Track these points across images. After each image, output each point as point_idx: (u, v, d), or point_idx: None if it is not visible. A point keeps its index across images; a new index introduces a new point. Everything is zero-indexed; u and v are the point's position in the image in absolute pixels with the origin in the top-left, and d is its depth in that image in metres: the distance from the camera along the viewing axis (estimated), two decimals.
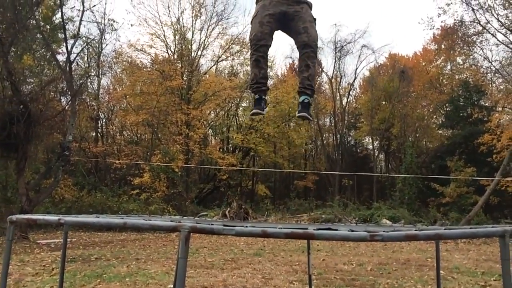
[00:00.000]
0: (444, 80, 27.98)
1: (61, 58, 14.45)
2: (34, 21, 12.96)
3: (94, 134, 24.47)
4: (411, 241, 2.17)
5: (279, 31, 3.47)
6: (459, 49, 19.76)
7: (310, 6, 3.42)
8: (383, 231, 2.15)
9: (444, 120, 27.16)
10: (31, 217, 2.54)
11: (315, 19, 3.40)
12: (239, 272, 6.50)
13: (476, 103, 23.72)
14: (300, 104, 3.34)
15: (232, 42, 23.95)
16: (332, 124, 29.46)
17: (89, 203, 16.13)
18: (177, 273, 2.11)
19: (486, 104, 23.52)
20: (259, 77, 3.34)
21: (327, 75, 28.90)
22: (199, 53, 23.47)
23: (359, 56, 28.16)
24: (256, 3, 3.46)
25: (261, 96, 3.39)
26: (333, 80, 28.49)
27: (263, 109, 3.39)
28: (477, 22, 17.24)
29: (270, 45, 3.29)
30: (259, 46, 3.23)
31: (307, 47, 3.26)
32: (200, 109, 21.95)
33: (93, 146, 21.93)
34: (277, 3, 3.28)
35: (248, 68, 26.01)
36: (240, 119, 27.17)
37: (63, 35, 13.68)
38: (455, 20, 17.76)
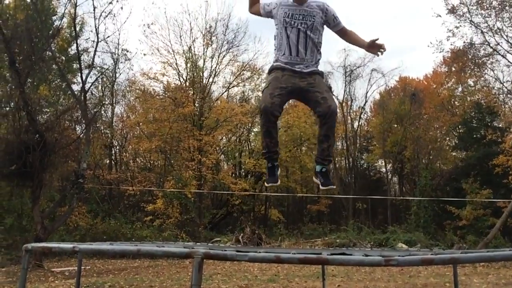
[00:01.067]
0: (456, 102, 27.89)
1: (76, 87, 14.80)
2: (50, 53, 13.32)
3: (108, 161, 24.70)
4: (427, 265, 2.15)
5: (293, 100, 3.57)
6: (469, 71, 19.75)
7: (322, 75, 3.47)
8: (398, 256, 2.13)
9: (457, 142, 26.93)
10: (46, 245, 2.58)
11: (330, 88, 3.44)
12: None
13: (489, 124, 23.53)
14: (319, 174, 3.39)
15: (243, 68, 24.26)
16: (344, 148, 29.38)
17: (103, 230, 16.16)
18: None
19: (500, 125, 23.31)
20: (271, 146, 3.42)
21: (337, 99, 28.99)
22: (211, 80, 23.79)
23: (369, 80, 28.27)
24: (269, 73, 3.51)
25: (274, 163, 3.52)
26: (343, 104, 28.55)
27: (277, 180, 3.55)
28: (486, 44, 17.28)
29: (280, 115, 3.33)
30: (269, 117, 3.26)
31: (328, 118, 3.26)
32: (212, 135, 22.10)
33: (107, 173, 22.10)
34: (289, 77, 3.32)
35: (259, 93, 26.23)
36: (252, 144, 27.25)
37: (78, 65, 14.01)
38: (464, 42, 17.83)
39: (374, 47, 3.46)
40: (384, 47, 3.45)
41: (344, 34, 3.58)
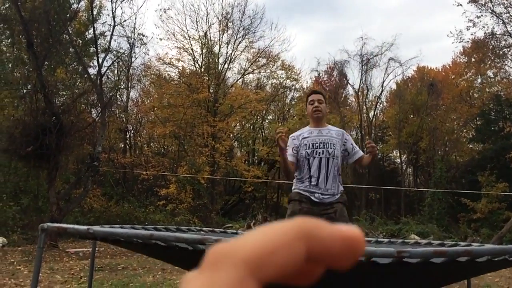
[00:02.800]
0: (474, 94, 27.42)
1: (92, 71, 14.89)
2: (67, 36, 13.40)
3: (122, 145, 24.93)
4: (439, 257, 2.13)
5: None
6: (490, 62, 19.38)
7: (345, 203, 3.42)
8: (411, 248, 2.12)
9: (474, 134, 26.54)
10: (62, 226, 2.61)
11: (347, 220, 3.43)
12: None
13: (508, 117, 23.12)
14: None
15: (258, 55, 24.14)
16: (359, 137, 29.17)
17: (116, 213, 16.38)
18: None
19: None
20: None
21: (353, 88, 28.74)
22: (226, 66, 23.76)
23: (386, 69, 27.89)
24: (288, 203, 3.48)
25: None
26: (359, 93, 28.29)
27: None
28: (508, 35, 16.91)
29: None
30: None
31: None
32: (226, 121, 22.13)
33: (121, 157, 22.33)
34: (308, 211, 3.24)
35: (274, 81, 26.14)
36: (265, 131, 27.22)
37: (94, 49, 14.09)
38: (485, 32, 17.48)
39: (370, 152, 3.37)
40: (373, 149, 3.34)
41: (362, 160, 3.49)
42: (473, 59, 21.81)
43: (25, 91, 13.23)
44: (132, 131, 26.10)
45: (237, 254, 0.18)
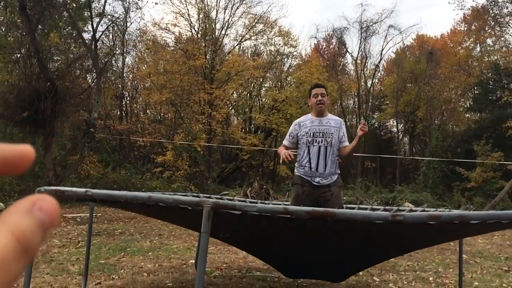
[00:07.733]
0: (474, 62, 27.23)
1: (87, 36, 14.63)
2: None
3: (118, 112, 24.81)
4: (434, 222, 2.16)
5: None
6: (490, 30, 19.17)
7: (340, 185, 3.89)
8: (405, 212, 2.14)
9: (472, 103, 26.52)
10: (59, 188, 2.61)
11: (341, 204, 3.86)
12: None
13: (506, 86, 23.05)
14: None
15: (256, 21, 23.75)
16: (356, 106, 29.13)
17: (113, 179, 16.44)
18: (199, 247, 2.16)
19: None
20: None
21: (352, 56, 28.47)
22: (223, 32, 23.40)
23: (385, 37, 27.59)
24: (292, 186, 3.97)
25: None
26: (358, 61, 28.05)
27: None
28: (509, 2, 16.67)
29: None
30: None
31: None
32: (223, 88, 21.96)
33: (118, 124, 22.24)
34: (309, 193, 3.75)
35: (271, 48, 25.85)
36: (262, 99, 27.10)
37: (88, 13, 13.80)
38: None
39: (361, 131, 3.66)
40: (364, 129, 3.63)
41: (343, 149, 3.93)
42: (473, 27, 21.52)
43: (19, 55, 13.03)
44: (128, 98, 25.91)
45: None
